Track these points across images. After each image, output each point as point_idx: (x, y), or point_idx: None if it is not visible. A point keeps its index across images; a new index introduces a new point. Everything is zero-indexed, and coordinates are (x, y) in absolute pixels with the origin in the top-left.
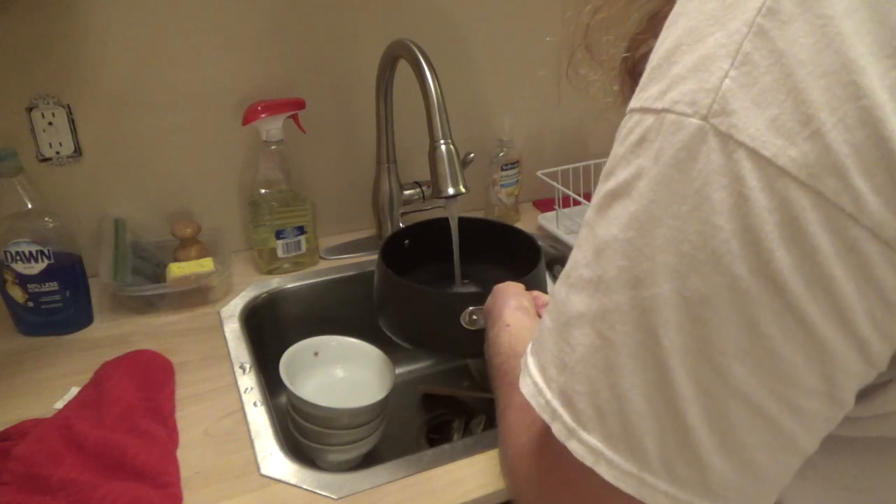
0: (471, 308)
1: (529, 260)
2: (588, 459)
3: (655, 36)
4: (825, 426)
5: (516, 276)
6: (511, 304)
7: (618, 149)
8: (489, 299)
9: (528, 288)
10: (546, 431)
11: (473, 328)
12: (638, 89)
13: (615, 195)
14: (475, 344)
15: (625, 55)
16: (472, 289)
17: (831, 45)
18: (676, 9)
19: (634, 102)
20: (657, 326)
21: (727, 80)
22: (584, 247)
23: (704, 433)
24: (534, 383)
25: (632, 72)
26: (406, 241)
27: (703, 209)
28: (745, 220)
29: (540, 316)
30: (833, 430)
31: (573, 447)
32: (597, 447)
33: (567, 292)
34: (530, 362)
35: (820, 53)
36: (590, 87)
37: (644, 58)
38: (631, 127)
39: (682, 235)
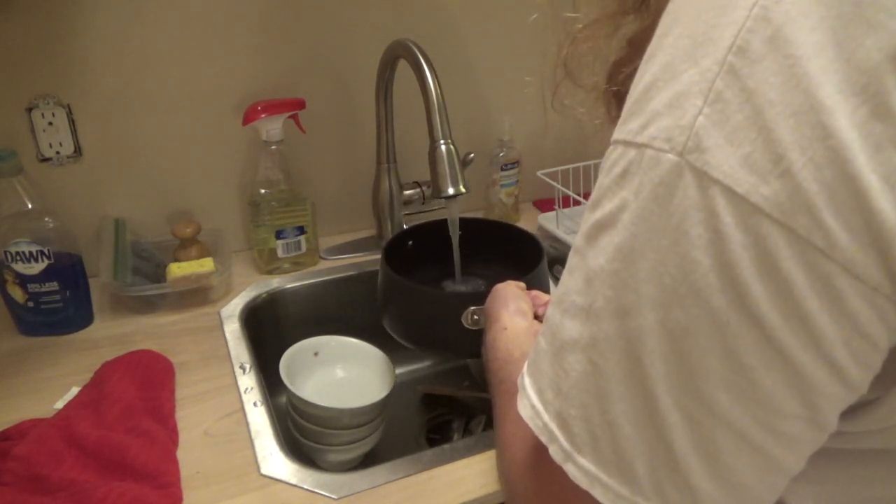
0: (472, 308)
1: (532, 259)
2: (583, 482)
3: (636, 60)
4: (810, 447)
5: (519, 275)
6: (510, 306)
7: (604, 180)
8: (488, 300)
9: (530, 287)
10: (542, 449)
11: (475, 328)
12: (620, 121)
13: (602, 226)
14: (477, 344)
15: (607, 84)
16: (473, 288)
17: (799, 85)
18: (653, 44)
19: (618, 134)
20: (643, 356)
21: (701, 118)
22: (575, 274)
23: (692, 458)
24: (531, 406)
25: (617, 94)
26: (409, 242)
27: (682, 244)
28: (722, 256)
29: (538, 317)
30: (825, 444)
31: (569, 469)
32: (591, 471)
33: (561, 317)
34: (527, 384)
35: (789, 93)
36: (576, 116)
37: (627, 81)
38: (615, 159)
39: (664, 268)
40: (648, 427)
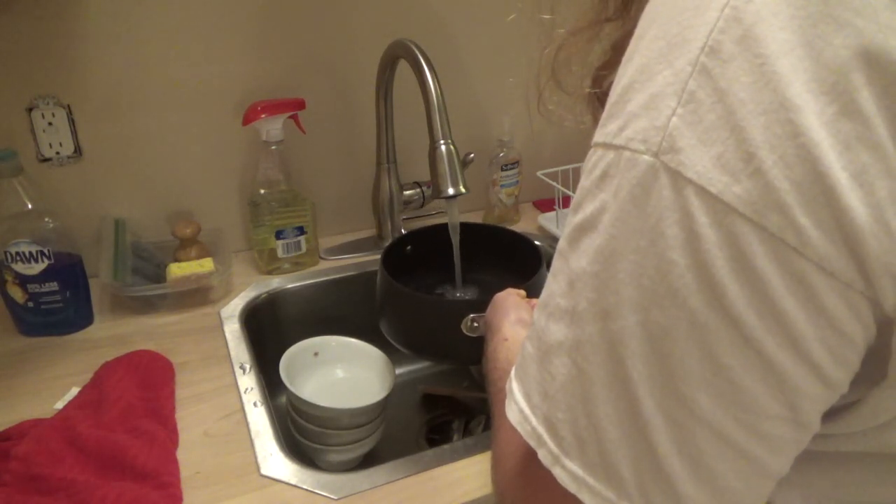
0: (471, 315)
1: (532, 264)
2: (571, 486)
3: (619, 65)
4: (793, 449)
5: (518, 281)
6: (510, 316)
7: (584, 182)
8: (489, 309)
9: (531, 294)
10: (532, 455)
11: (474, 335)
12: (600, 124)
13: (583, 228)
14: (476, 351)
15: (592, 89)
16: (472, 295)
17: (769, 84)
18: (631, 46)
19: (597, 137)
20: (625, 358)
21: (674, 118)
22: (559, 277)
23: (676, 461)
24: (519, 410)
25: (602, 100)
26: (408, 248)
27: (659, 244)
28: (698, 256)
29: None
30: (810, 447)
31: (557, 473)
32: (579, 474)
33: (546, 321)
34: (515, 388)
35: (759, 92)
36: (562, 121)
37: (611, 85)
38: (595, 161)
39: (642, 270)
40: (632, 430)
